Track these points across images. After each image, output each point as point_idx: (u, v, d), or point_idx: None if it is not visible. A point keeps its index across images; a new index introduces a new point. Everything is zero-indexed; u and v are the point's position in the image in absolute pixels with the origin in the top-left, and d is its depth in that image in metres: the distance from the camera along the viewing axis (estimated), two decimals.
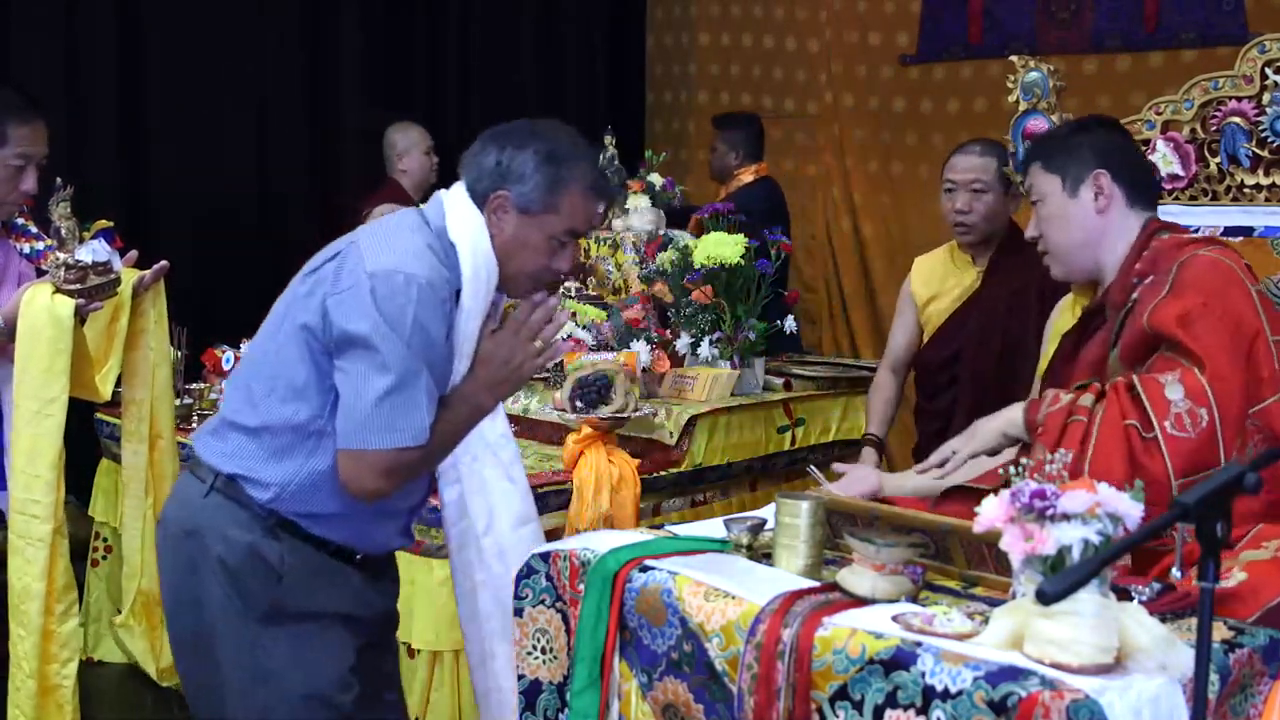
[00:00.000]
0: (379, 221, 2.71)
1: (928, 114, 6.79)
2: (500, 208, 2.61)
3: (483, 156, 2.64)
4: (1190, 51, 5.84)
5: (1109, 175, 2.90)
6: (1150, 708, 1.94)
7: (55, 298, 3.34)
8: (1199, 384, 2.58)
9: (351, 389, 2.49)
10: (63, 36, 5.87)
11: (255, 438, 2.59)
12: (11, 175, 3.39)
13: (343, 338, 2.49)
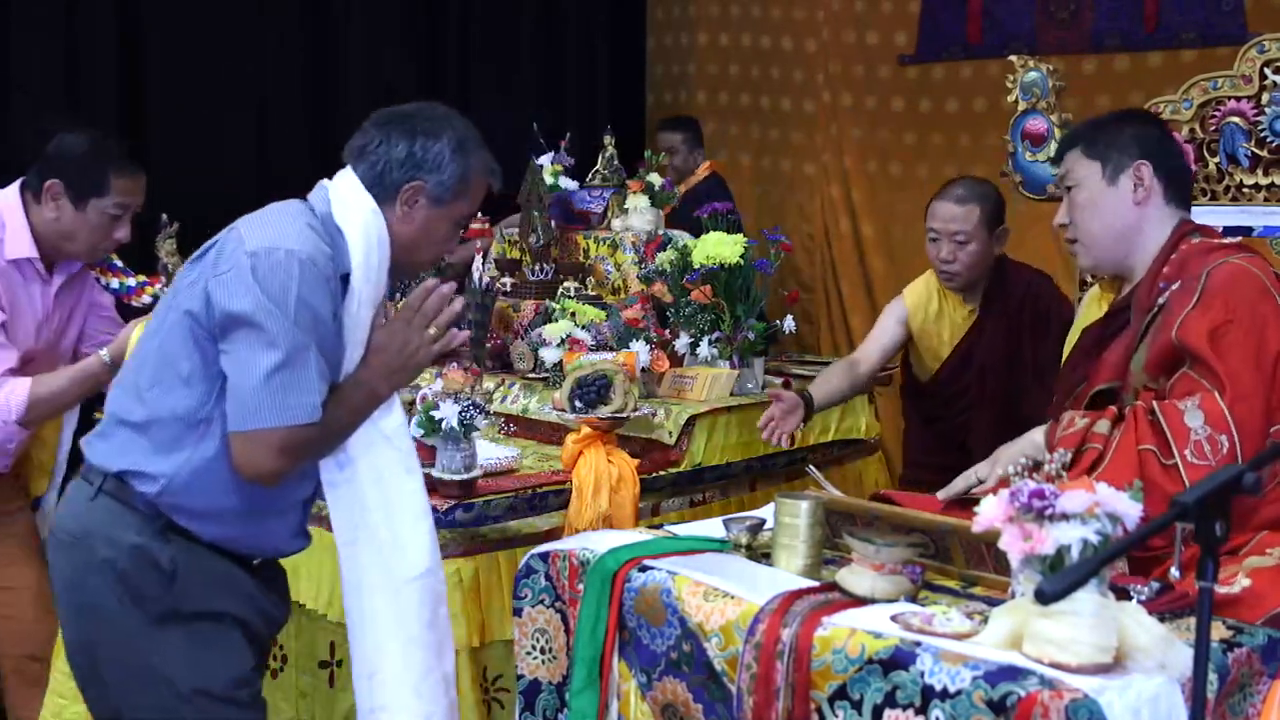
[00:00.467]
0: (258, 211, 2.64)
1: (926, 114, 6.78)
2: (413, 198, 2.62)
3: (389, 146, 2.63)
4: (1190, 51, 5.84)
5: (1150, 167, 2.88)
6: (1149, 707, 1.94)
7: None
8: (1219, 409, 2.57)
9: (239, 369, 2.45)
10: (63, 36, 5.86)
11: (143, 432, 2.53)
12: (108, 224, 3.42)
13: (226, 318, 2.45)
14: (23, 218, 3.37)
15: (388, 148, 2.63)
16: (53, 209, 3.37)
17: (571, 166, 5.25)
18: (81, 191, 3.38)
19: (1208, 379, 2.61)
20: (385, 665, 2.74)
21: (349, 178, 2.64)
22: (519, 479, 3.80)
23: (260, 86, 6.48)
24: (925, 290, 4.35)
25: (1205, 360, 2.62)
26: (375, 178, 2.62)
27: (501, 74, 7.38)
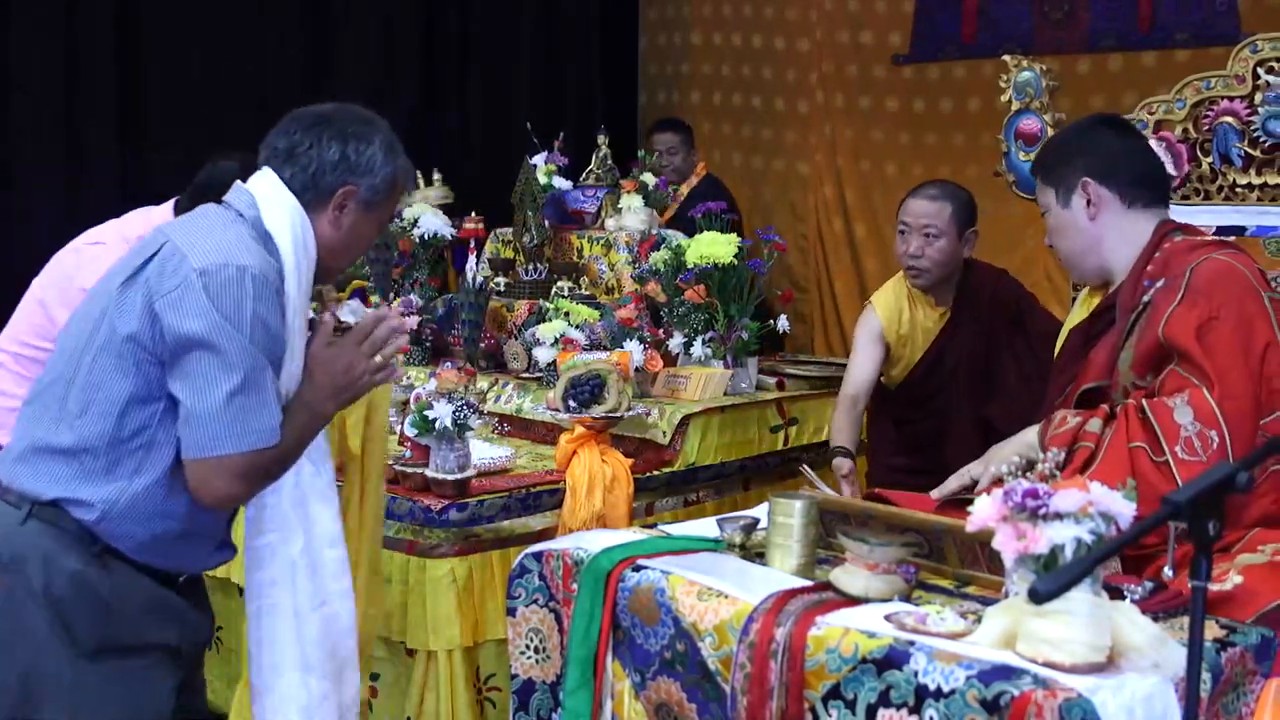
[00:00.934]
0: (183, 218, 2.57)
1: (921, 114, 6.78)
2: (344, 202, 2.53)
3: (319, 149, 2.51)
4: (1184, 51, 5.85)
5: (1094, 182, 2.90)
6: (1143, 706, 1.94)
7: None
8: (1208, 405, 2.57)
9: (195, 394, 2.34)
10: (63, 36, 5.85)
11: (73, 458, 2.39)
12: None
13: (179, 341, 2.33)
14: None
15: (319, 150, 2.51)
16: None
17: (565, 166, 5.25)
18: None
19: (1195, 375, 2.61)
20: (279, 687, 2.70)
21: (272, 179, 2.52)
22: (513, 479, 3.80)
23: (260, 87, 6.47)
24: (894, 299, 4.29)
25: (1192, 357, 2.62)
26: (307, 181, 2.51)
27: (496, 74, 7.38)
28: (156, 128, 6.10)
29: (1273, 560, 2.50)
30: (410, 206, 5.24)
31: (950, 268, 4.14)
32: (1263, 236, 3.31)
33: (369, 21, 6.89)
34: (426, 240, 5.13)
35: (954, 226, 4.08)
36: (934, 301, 4.22)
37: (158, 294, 2.35)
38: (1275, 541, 2.55)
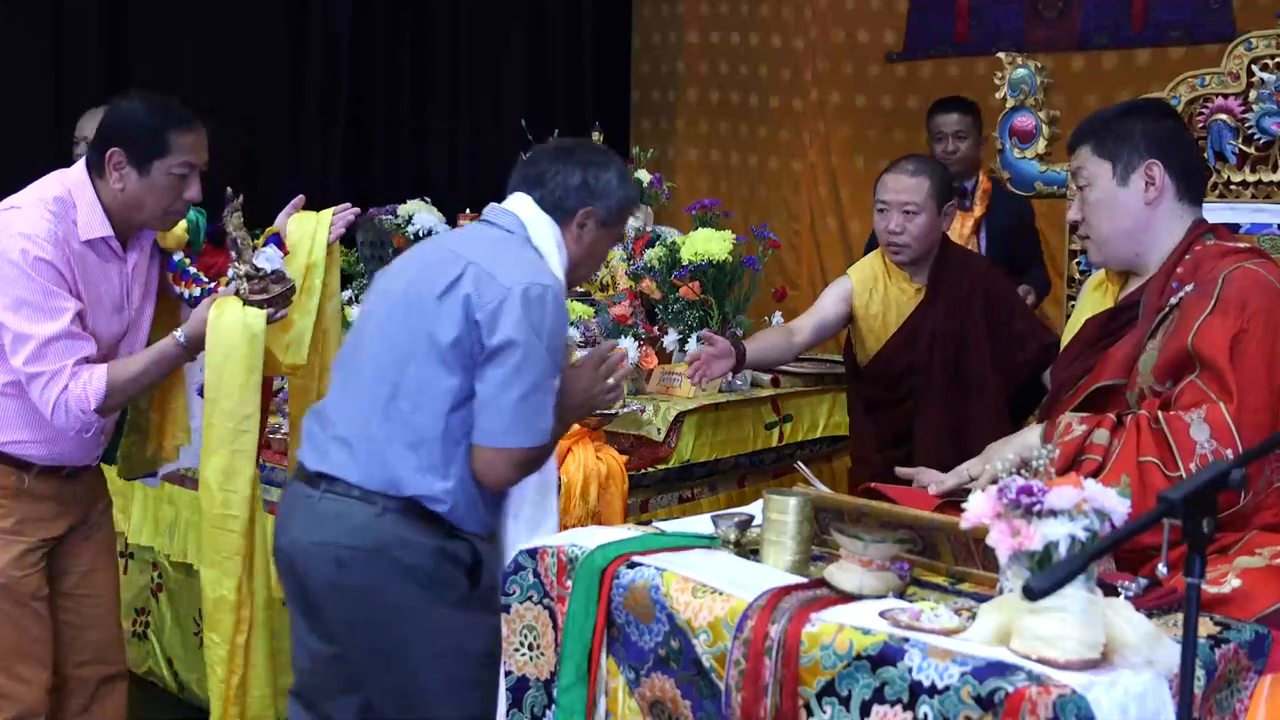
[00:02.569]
0: (470, 240, 3.00)
1: (914, 111, 6.78)
2: (585, 221, 2.99)
3: (565, 175, 2.98)
4: (1177, 49, 5.85)
5: (1161, 166, 2.81)
6: (1137, 703, 1.94)
7: (247, 311, 3.20)
8: (1225, 423, 2.54)
9: (496, 390, 2.78)
10: (49, 37, 5.85)
11: (413, 452, 2.81)
12: (175, 185, 3.21)
13: (494, 347, 2.77)
14: (92, 195, 3.18)
15: (564, 176, 2.98)
16: (117, 179, 3.17)
17: None
18: (143, 155, 3.17)
19: (1215, 389, 2.58)
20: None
21: (529, 202, 2.98)
22: None
23: (251, 83, 6.46)
24: (871, 269, 4.26)
25: (1219, 369, 2.58)
26: (554, 203, 2.98)
27: (489, 72, 7.37)
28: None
29: (1271, 564, 2.49)
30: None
31: (930, 242, 4.11)
32: (1257, 234, 3.32)
33: (359, 18, 6.89)
34: (421, 237, 5.13)
35: (933, 201, 4.05)
36: (910, 277, 4.19)
37: (478, 307, 2.78)
38: (1273, 544, 2.55)
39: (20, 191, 3.21)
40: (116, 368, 3.15)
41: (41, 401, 3.08)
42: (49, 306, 3.06)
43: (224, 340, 3.20)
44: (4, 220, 3.10)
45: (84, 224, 3.16)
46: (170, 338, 3.21)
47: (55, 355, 3.06)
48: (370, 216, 5.34)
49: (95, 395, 3.08)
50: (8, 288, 3.05)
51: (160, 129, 3.17)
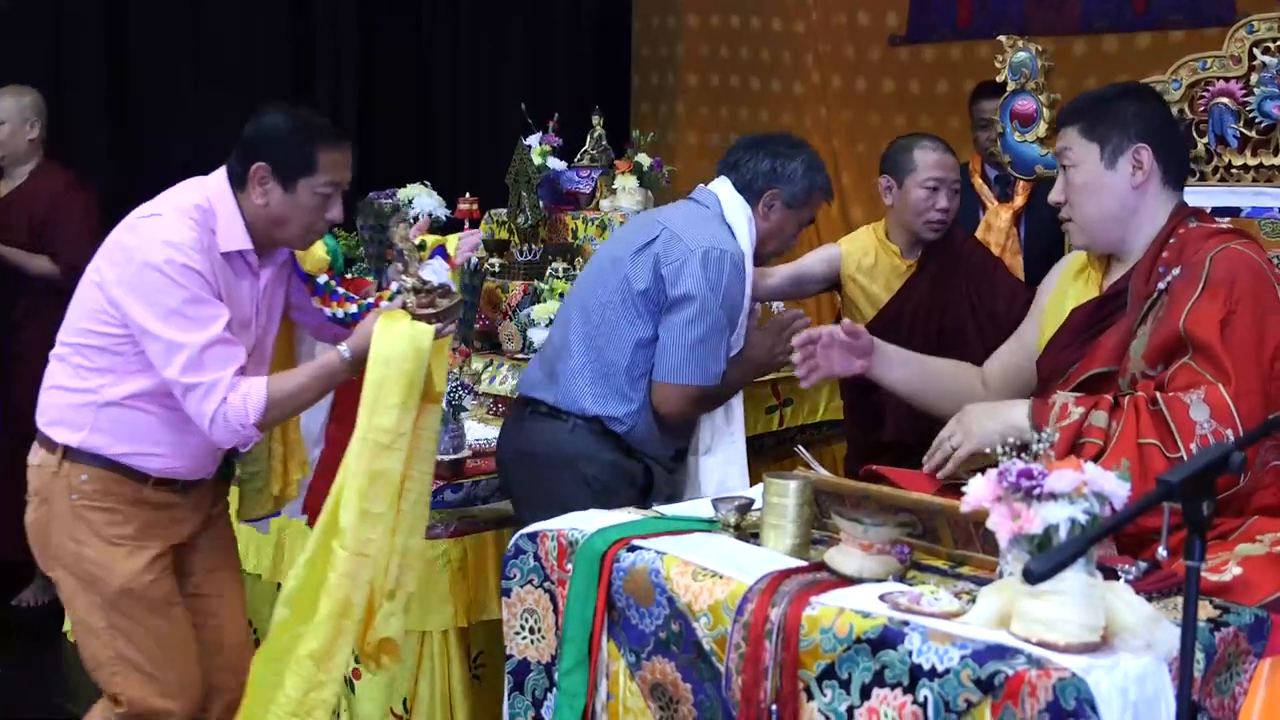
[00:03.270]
0: (671, 213, 3.57)
1: (916, 95, 6.78)
2: (771, 202, 3.51)
3: (755, 161, 3.52)
4: (1178, 32, 5.84)
5: (1150, 151, 2.81)
6: (1136, 686, 1.94)
7: (414, 326, 3.03)
8: (1224, 402, 2.53)
9: (673, 334, 3.38)
10: (49, 37, 5.85)
11: (604, 381, 3.43)
12: (320, 204, 3.09)
13: (675, 298, 3.36)
14: (233, 206, 3.07)
15: (755, 162, 3.51)
16: (260, 194, 3.06)
17: (560, 147, 5.24)
18: (290, 172, 3.05)
19: (1211, 371, 2.57)
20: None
21: (727, 184, 3.54)
22: None
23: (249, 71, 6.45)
24: (864, 242, 4.28)
25: (1213, 351, 2.58)
26: (745, 184, 3.51)
27: (489, 56, 7.36)
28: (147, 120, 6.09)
29: (1271, 551, 2.49)
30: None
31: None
32: (1258, 218, 3.31)
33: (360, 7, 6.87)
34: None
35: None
36: (902, 252, 4.21)
37: (664, 263, 3.39)
38: (1274, 531, 2.54)
39: (157, 199, 3.12)
40: (276, 381, 3.04)
41: (198, 414, 2.96)
42: (201, 315, 2.95)
43: (387, 352, 3.01)
44: (147, 228, 3.00)
45: (224, 236, 3.05)
46: (334, 351, 3.09)
47: (213, 365, 2.94)
48: (370, 200, 5.33)
49: (255, 409, 2.96)
50: (156, 297, 2.94)
51: (308, 147, 3.06)
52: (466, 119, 7.31)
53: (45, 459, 3.10)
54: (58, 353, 3.12)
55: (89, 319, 3.05)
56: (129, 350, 3.01)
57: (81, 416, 3.05)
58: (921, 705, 2.01)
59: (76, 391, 3.06)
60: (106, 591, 3.05)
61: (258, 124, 3.12)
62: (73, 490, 3.06)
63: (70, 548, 3.07)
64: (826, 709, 2.13)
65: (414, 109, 7.10)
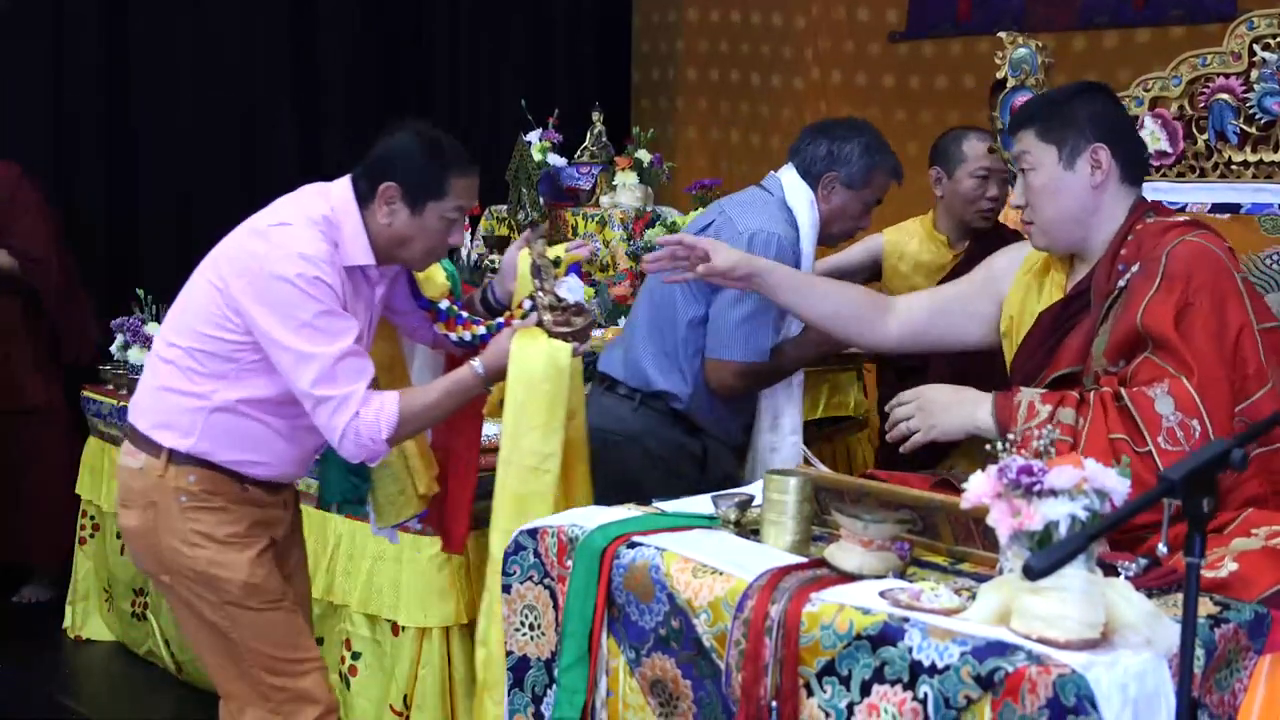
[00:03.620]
0: (733, 198, 3.73)
1: (916, 91, 6.77)
2: (830, 185, 3.61)
3: (814, 146, 3.63)
4: (1178, 28, 5.84)
5: (1108, 150, 2.82)
6: (1136, 683, 1.94)
7: (552, 344, 3.02)
8: (1188, 394, 2.55)
9: (721, 312, 3.52)
10: (49, 43, 5.85)
11: (665, 359, 3.60)
12: (444, 228, 3.07)
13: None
14: (358, 220, 3.03)
15: (814, 147, 3.63)
16: (387, 213, 3.03)
17: (560, 143, 5.25)
18: (419, 195, 3.02)
19: (1172, 364, 2.59)
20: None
21: (790, 170, 3.66)
22: None
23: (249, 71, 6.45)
24: (910, 230, 4.36)
25: (1171, 344, 2.60)
26: (805, 169, 3.63)
27: (489, 53, 7.36)
28: (144, 117, 6.07)
29: (1267, 545, 2.49)
30: None
31: None
32: (1258, 214, 3.31)
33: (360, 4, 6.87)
34: None
35: None
36: (950, 242, 4.31)
37: None
38: (1268, 524, 2.54)
39: (279, 204, 3.10)
40: (408, 396, 3.02)
41: (329, 427, 2.94)
42: (333, 327, 2.92)
43: (527, 373, 3.01)
44: (279, 237, 2.96)
45: (348, 250, 3.03)
46: (467, 367, 3.08)
47: (345, 378, 2.91)
48: None
49: (388, 424, 2.94)
50: (287, 309, 2.90)
51: (441, 171, 3.04)
52: (467, 115, 7.31)
53: (148, 463, 3.03)
54: (166, 355, 3.06)
55: (207, 323, 3.00)
56: (246, 357, 2.98)
57: (191, 421, 3.01)
58: (921, 702, 2.01)
59: (187, 395, 3.01)
60: (230, 591, 3.01)
61: (389, 143, 3.09)
62: (181, 492, 3.01)
63: (185, 552, 3.02)
64: (826, 705, 2.14)
65: (414, 106, 7.09)
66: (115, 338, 5.10)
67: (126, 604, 4.88)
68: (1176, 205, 3.40)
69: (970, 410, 2.79)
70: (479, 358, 3.08)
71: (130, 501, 3.09)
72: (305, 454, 3.15)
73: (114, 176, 6.07)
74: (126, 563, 4.86)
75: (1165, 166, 3.47)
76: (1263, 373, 2.63)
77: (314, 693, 3.07)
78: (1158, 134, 3.48)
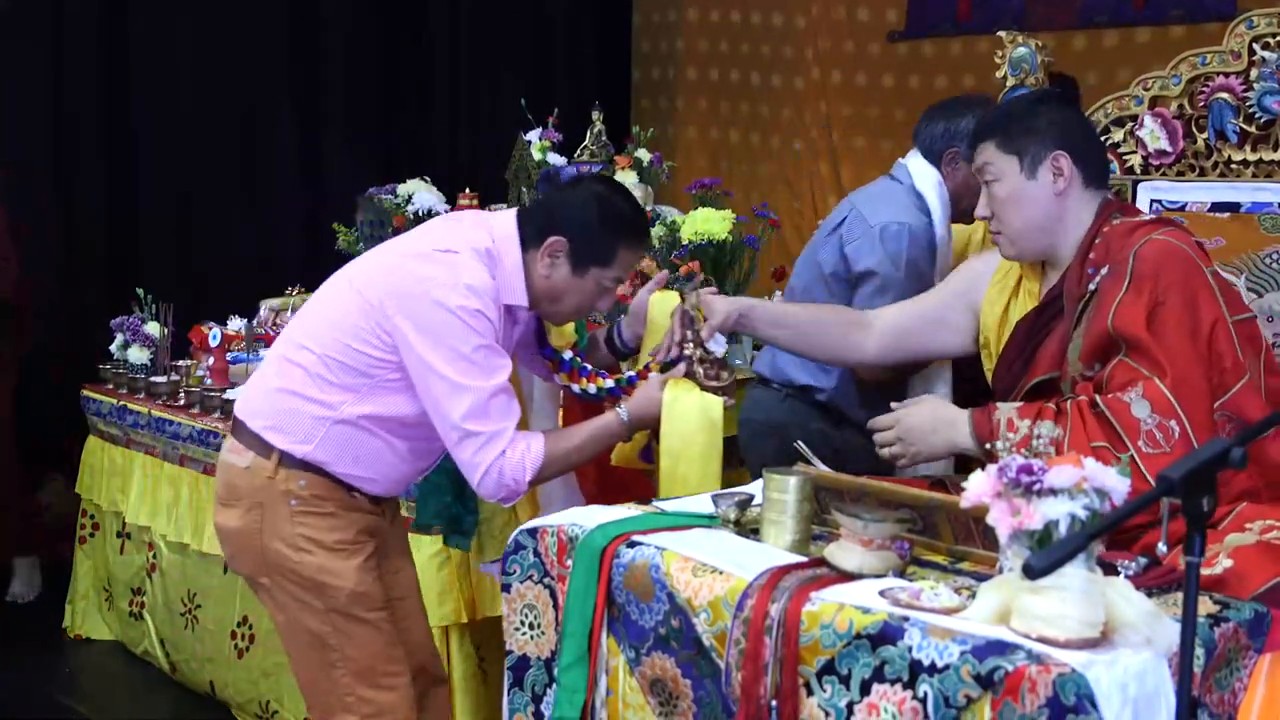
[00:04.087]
0: (864, 190, 3.75)
1: (916, 90, 6.77)
2: (953, 161, 3.56)
3: (932, 125, 3.61)
4: (1178, 28, 5.84)
5: (1068, 156, 2.83)
6: (1136, 682, 1.94)
7: (705, 398, 3.02)
8: (1163, 396, 2.56)
9: (863, 305, 3.47)
10: (50, 43, 5.85)
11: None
12: (599, 292, 3.07)
13: (859, 274, 3.52)
14: (518, 260, 3.01)
15: (932, 127, 3.61)
16: (547, 265, 3.01)
17: (560, 142, 5.24)
18: (585, 258, 3.01)
19: (1146, 365, 2.60)
20: None
21: (916, 154, 3.64)
22: None
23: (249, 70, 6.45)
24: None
25: (1143, 345, 2.61)
26: (927, 150, 3.62)
27: (489, 52, 7.36)
28: (143, 113, 6.08)
29: (1261, 540, 2.49)
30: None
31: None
32: (1257, 213, 3.31)
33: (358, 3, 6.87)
34: (421, 216, 5.12)
35: None
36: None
37: (847, 241, 3.56)
38: (1261, 519, 2.55)
39: (438, 227, 3.09)
40: (554, 439, 3.01)
41: (471, 464, 2.91)
42: (490, 363, 2.89)
43: (682, 426, 3.00)
44: (445, 264, 2.92)
45: (505, 287, 3.00)
46: (613, 414, 3.07)
47: (498, 414, 2.89)
48: (370, 195, 5.33)
49: (533, 465, 2.93)
50: (446, 339, 2.87)
51: (613, 240, 3.03)
52: (467, 115, 7.31)
53: (257, 463, 2.99)
54: (295, 358, 3.01)
55: (352, 335, 2.96)
56: (383, 375, 2.95)
57: (311, 428, 2.96)
58: (921, 701, 2.01)
59: (313, 402, 2.97)
60: (336, 599, 2.98)
61: (570, 197, 3.10)
62: (292, 496, 2.97)
63: (291, 557, 2.98)
64: (826, 705, 2.14)
65: (414, 105, 7.09)
66: (115, 337, 5.09)
67: (125, 603, 4.88)
68: (1176, 205, 3.41)
69: (948, 433, 2.81)
70: (625, 405, 3.07)
71: (233, 501, 3.04)
72: (412, 476, 3.14)
73: (114, 176, 6.07)
74: (125, 562, 4.87)
75: (1165, 165, 3.47)
76: (1239, 365, 2.64)
77: (400, 708, 3.05)
78: (1157, 133, 3.49)
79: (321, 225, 5.93)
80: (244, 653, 4.26)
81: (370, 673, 3.01)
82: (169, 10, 6.15)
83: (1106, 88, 4.45)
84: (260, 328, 5.05)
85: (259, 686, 4.20)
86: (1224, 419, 2.60)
